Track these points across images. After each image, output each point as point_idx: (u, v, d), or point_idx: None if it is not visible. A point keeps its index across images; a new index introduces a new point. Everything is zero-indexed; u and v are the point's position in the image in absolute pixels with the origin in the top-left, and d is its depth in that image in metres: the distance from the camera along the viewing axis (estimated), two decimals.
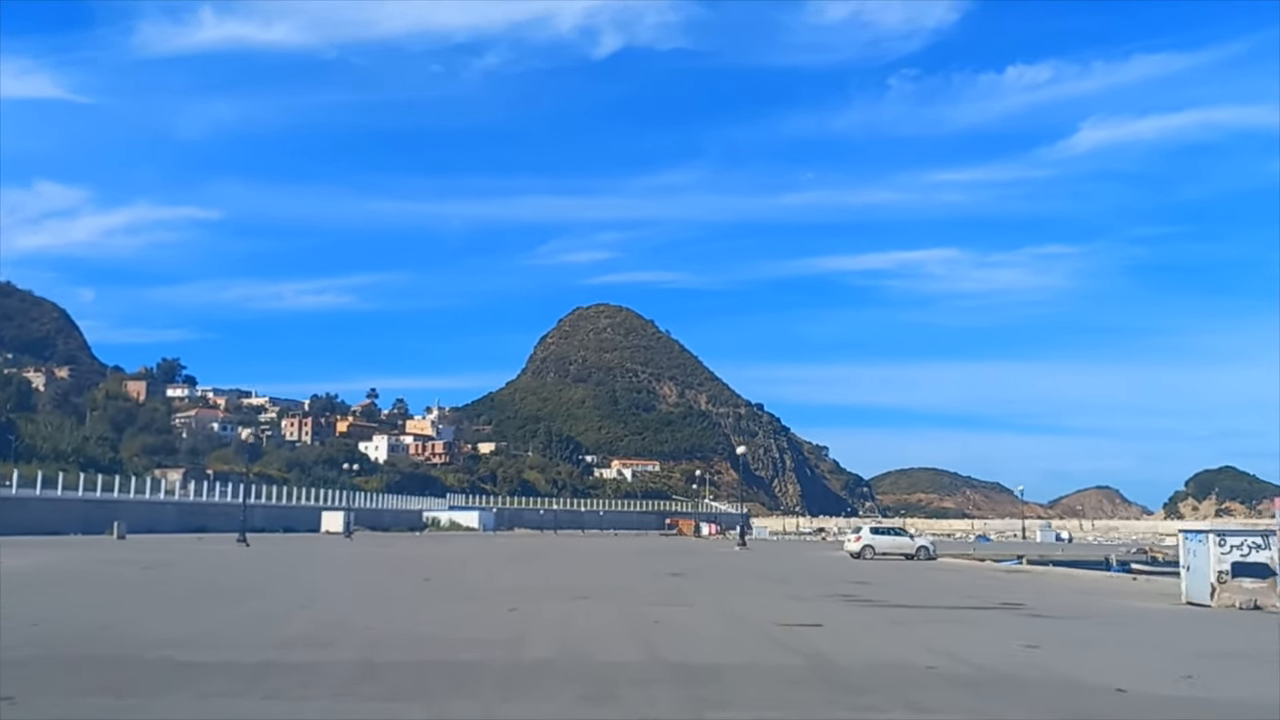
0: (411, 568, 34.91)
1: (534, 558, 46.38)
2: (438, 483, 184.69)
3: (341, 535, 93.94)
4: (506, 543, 77.74)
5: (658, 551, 60.94)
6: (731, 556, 52.82)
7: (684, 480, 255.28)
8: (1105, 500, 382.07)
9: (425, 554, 49.03)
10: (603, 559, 46.64)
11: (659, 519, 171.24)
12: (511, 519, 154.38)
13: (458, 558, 43.99)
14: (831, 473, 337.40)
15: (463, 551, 53.50)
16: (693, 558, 50.18)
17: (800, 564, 45.14)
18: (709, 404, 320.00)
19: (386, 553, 50.11)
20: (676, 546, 75.86)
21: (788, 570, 39.00)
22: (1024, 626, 17.87)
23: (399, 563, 39.11)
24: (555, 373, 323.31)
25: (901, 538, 50.80)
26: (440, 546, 63.91)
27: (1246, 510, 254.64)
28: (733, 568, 39.85)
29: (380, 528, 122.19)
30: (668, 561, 44.55)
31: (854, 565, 43.12)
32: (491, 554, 50.45)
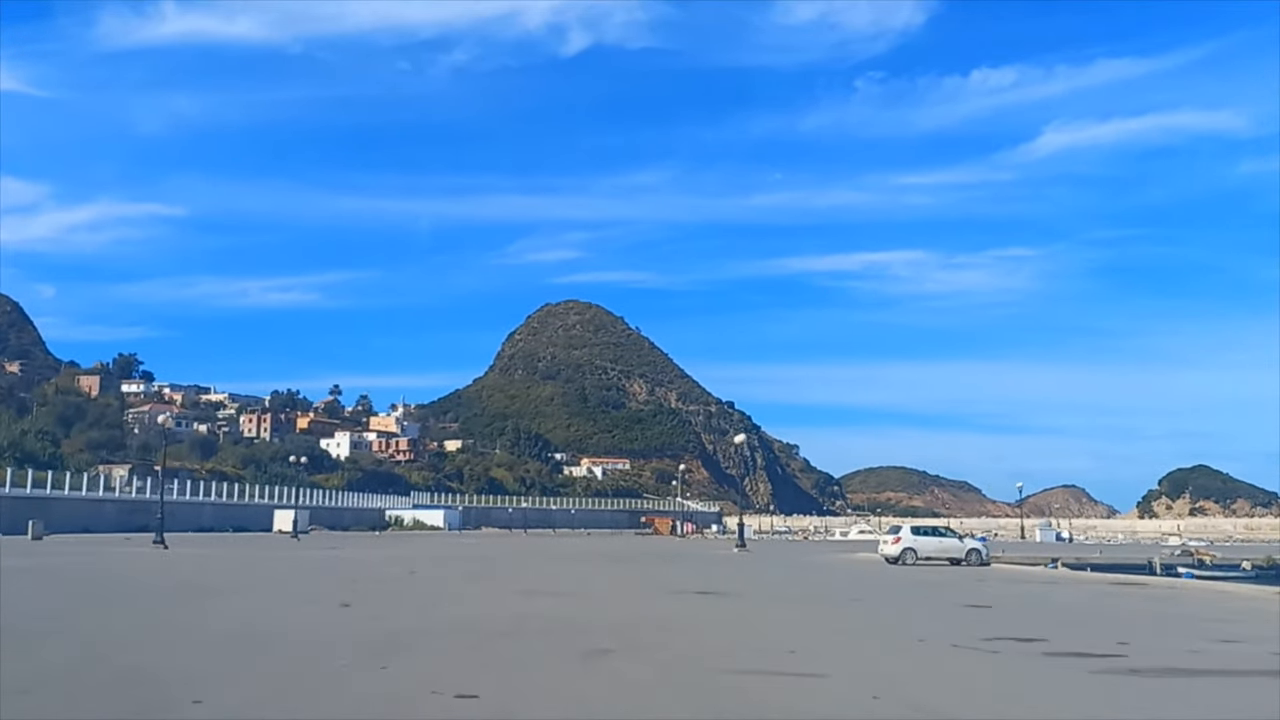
0: (338, 582, 25.10)
1: (504, 564, 36.94)
2: (402, 480, 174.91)
3: (291, 535, 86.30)
4: (472, 544, 68.03)
5: (647, 555, 51.57)
6: (739, 562, 43.47)
7: (655, 478, 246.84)
8: (1072, 499, 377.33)
9: (371, 559, 39.42)
10: (589, 566, 37.15)
11: (631, 518, 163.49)
12: (479, 518, 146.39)
13: (409, 564, 34.38)
14: (802, 471, 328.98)
15: (419, 555, 43.84)
16: (696, 564, 40.76)
17: (838, 574, 35.66)
18: (679, 402, 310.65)
19: (325, 557, 40.36)
20: (662, 548, 66.49)
21: (839, 585, 29.50)
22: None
23: (328, 573, 29.35)
24: (524, 370, 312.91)
25: (948, 539, 41.49)
26: (394, 549, 54.13)
27: (1221, 509, 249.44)
28: (767, 582, 30.10)
29: (339, 527, 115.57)
30: (672, 569, 35.22)
31: (904, 575, 33.86)
32: (453, 558, 40.82)
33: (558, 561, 40.75)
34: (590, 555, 49.22)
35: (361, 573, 29.50)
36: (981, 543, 43.59)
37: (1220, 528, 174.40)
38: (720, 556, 49.20)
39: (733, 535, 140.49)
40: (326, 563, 36.01)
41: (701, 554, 53.26)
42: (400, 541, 73.65)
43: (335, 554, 44.97)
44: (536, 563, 39.12)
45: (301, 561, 36.68)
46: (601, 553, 53.12)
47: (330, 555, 43.25)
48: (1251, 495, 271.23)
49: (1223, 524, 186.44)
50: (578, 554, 50.69)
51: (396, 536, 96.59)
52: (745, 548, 55.00)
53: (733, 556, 49.07)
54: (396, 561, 37.04)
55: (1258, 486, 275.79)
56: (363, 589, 22.34)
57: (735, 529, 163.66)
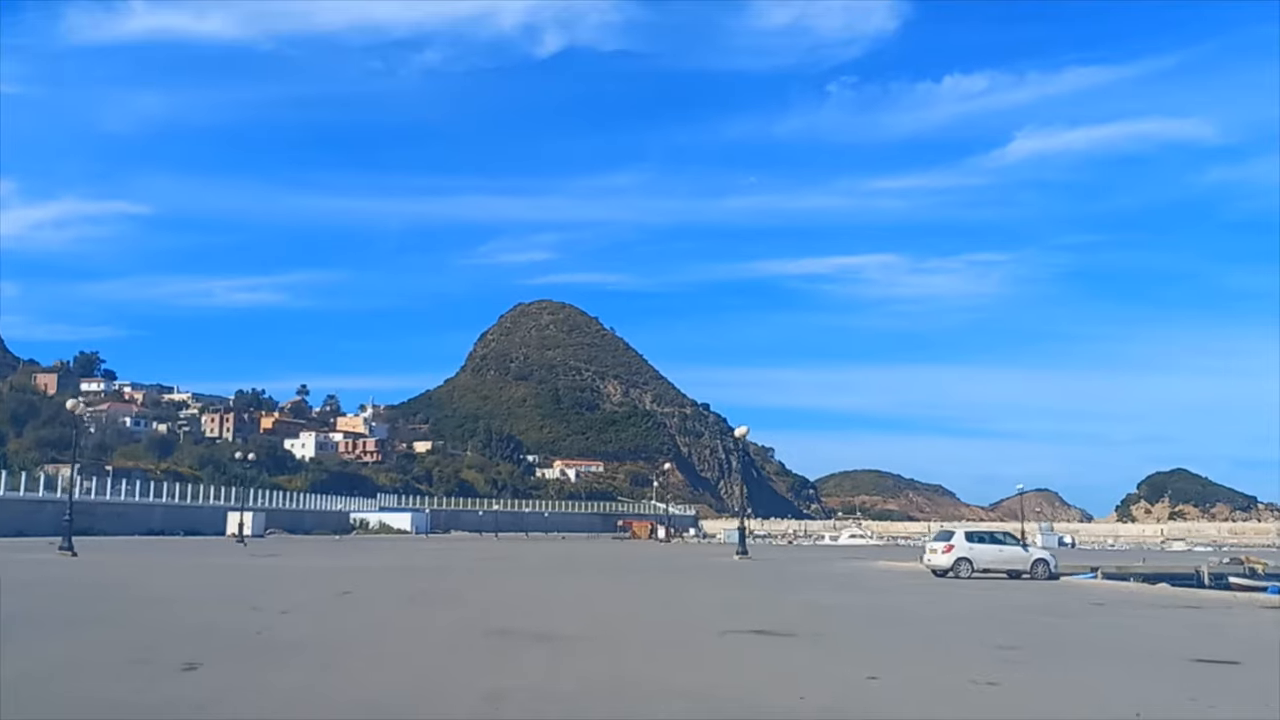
0: (233, 612, 17.32)
1: (470, 578, 29.40)
2: (368, 482, 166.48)
3: (251, 538, 78.56)
4: (438, 549, 60.19)
5: (640, 563, 44.09)
6: (754, 574, 35.91)
7: (629, 481, 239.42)
8: (1045, 503, 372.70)
9: (309, 570, 31.68)
10: (580, 580, 29.52)
11: (606, 521, 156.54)
12: (448, 520, 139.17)
13: (351, 579, 26.74)
14: (777, 474, 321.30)
15: (370, 565, 36.09)
16: (708, 578, 33.11)
17: (899, 594, 28.14)
18: (654, 403, 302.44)
19: (256, 568, 32.48)
20: (650, 554, 59.01)
21: (933, 616, 21.93)
22: None
23: (233, 595, 21.51)
24: (496, 370, 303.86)
25: (1011, 547, 33.74)
26: (347, 555, 46.30)
27: (1200, 513, 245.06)
28: (829, 609, 22.36)
29: (301, 530, 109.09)
30: (684, 586, 27.67)
31: (968, 592, 26.53)
32: (409, 569, 32.98)
33: (538, 573, 33.13)
34: (575, 563, 41.65)
35: (278, 594, 21.64)
36: (1047, 551, 36.14)
37: (1204, 531, 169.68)
38: (725, 566, 41.76)
39: (714, 540, 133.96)
40: (249, 577, 28.18)
41: (701, 563, 45.74)
42: (359, 546, 65.73)
43: (272, 563, 37.07)
44: (512, 575, 31.44)
45: (219, 574, 28.85)
46: (587, 561, 45.57)
47: (264, 565, 35.35)
48: (1231, 499, 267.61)
49: (1206, 528, 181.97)
50: (560, 562, 43.09)
51: (358, 540, 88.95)
52: (748, 555, 47.47)
53: (740, 566, 41.66)
54: (338, 574, 29.33)
55: (1237, 490, 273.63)
56: (252, 626, 14.57)
57: (715, 534, 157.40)
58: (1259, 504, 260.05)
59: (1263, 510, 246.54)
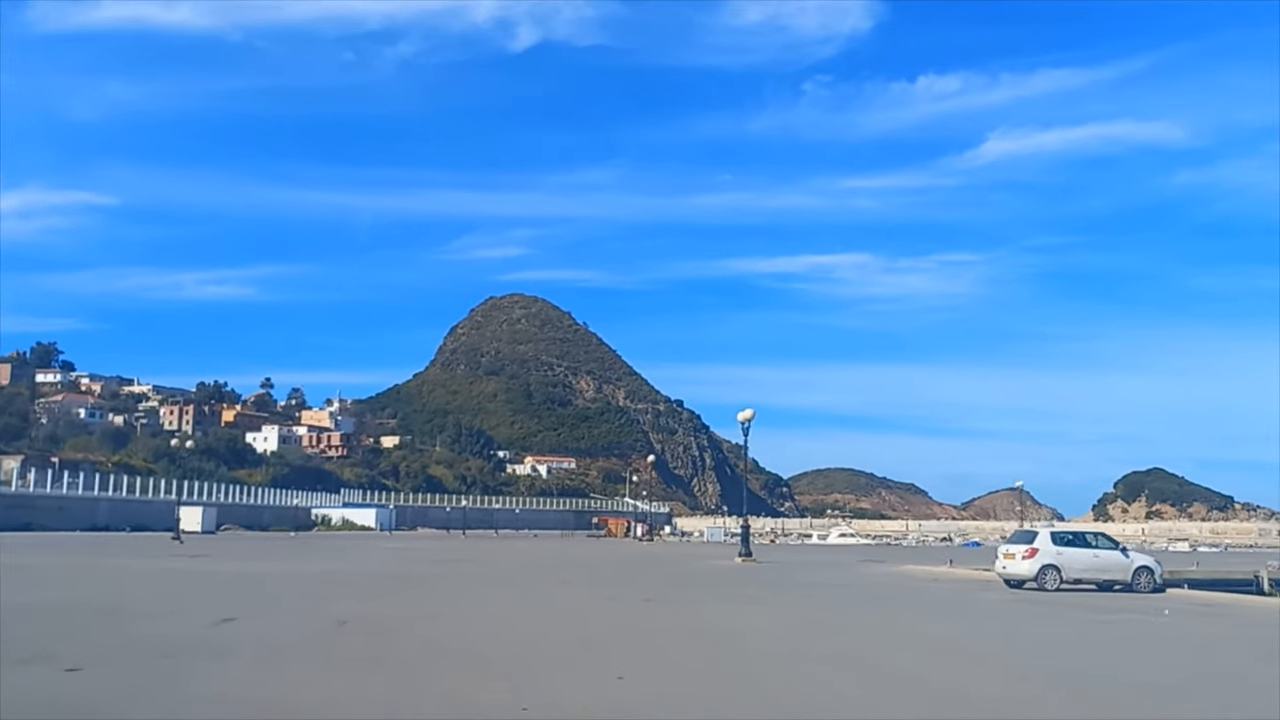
0: (46, 664, 10.30)
1: (426, 592, 22.35)
2: (332, 477, 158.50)
3: (201, 535, 74.44)
4: (399, 549, 53.00)
5: (632, 567, 37.13)
6: (778, 586, 29.04)
7: (602, 478, 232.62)
8: (1016, 502, 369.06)
9: (224, 576, 24.35)
10: (570, 595, 22.40)
11: (579, 518, 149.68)
12: (414, 517, 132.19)
13: (263, 591, 19.61)
14: (751, 472, 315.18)
15: (305, 572, 28.93)
16: (727, 591, 26.23)
17: (989, 615, 21.32)
18: (627, 400, 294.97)
19: (165, 573, 25.42)
20: (637, 556, 52.07)
21: (1084, 655, 15.14)
22: None
23: (74, 614, 14.42)
24: (466, 365, 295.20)
25: (1107, 552, 26.16)
26: (290, 558, 39.00)
27: (1177, 512, 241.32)
28: (974, 654, 15.32)
29: (258, 527, 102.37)
30: (718, 609, 20.71)
31: (1089, 617, 19.80)
32: (352, 577, 25.70)
33: (513, 584, 26.09)
34: (555, 568, 34.67)
35: (124, 622, 14.51)
36: (1150, 556, 29.17)
37: (1185, 531, 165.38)
38: (736, 573, 34.85)
39: (693, 538, 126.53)
40: (132, 585, 21.02)
41: (703, 567, 38.73)
42: (311, 545, 58.39)
43: (185, 567, 29.73)
44: (480, 588, 24.39)
45: (96, 582, 21.70)
46: (568, 563, 38.58)
47: (171, 570, 28.02)
48: (1207, 499, 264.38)
49: (1187, 527, 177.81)
50: (537, 566, 36.10)
51: (315, 538, 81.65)
52: (752, 557, 40.40)
53: (753, 572, 34.79)
54: (253, 584, 22.21)
55: (1213, 490, 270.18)
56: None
57: (692, 532, 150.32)
58: (1235, 503, 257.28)
59: (1239, 510, 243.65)
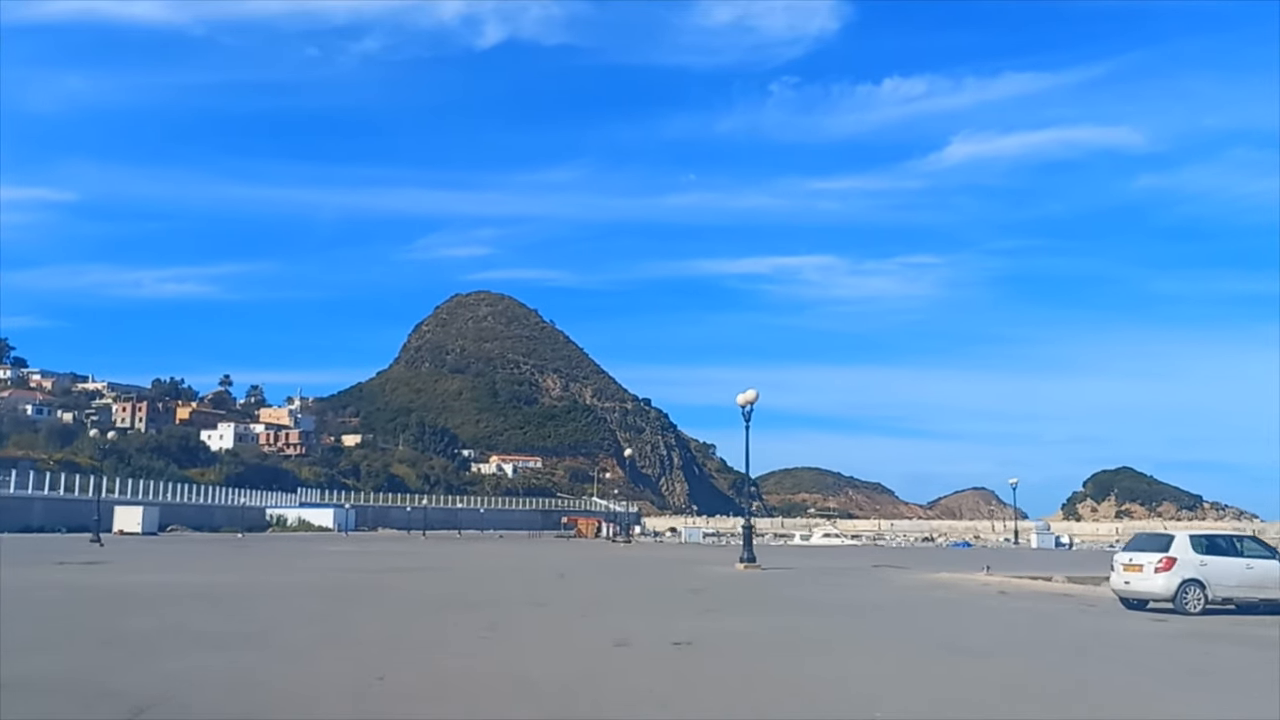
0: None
1: (350, 620, 17.30)
2: (289, 476, 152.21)
3: (137, 537, 71.12)
4: (346, 554, 47.75)
5: (630, 580, 32.15)
6: (808, 604, 24.37)
7: (569, 477, 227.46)
8: (981, 501, 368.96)
9: (101, 591, 19.32)
10: (551, 630, 17.43)
11: (546, 518, 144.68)
12: (375, 517, 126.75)
13: (131, 609, 14.58)
14: (719, 471, 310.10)
15: (215, 586, 23.88)
16: (754, 612, 21.16)
17: (1122, 663, 16.48)
18: (594, 398, 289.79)
19: (29, 585, 20.25)
20: (617, 560, 47.20)
21: None
22: None
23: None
24: (431, 363, 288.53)
25: (1263, 562, 21.22)
26: (211, 565, 33.82)
27: (1147, 512, 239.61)
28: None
29: (209, 527, 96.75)
30: (768, 647, 15.83)
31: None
32: (273, 592, 20.61)
33: (474, 605, 21.00)
34: (527, 578, 29.75)
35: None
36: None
37: (1156, 529, 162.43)
38: (744, 583, 29.86)
39: (665, 539, 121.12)
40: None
41: (699, 575, 33.63)
42: (253, 549, 53.01)
43: (71, 579, 24.58)
44: (428, 616, 19.33)
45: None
46: (542, 571, 33.63)
47: (50, 584, 22.91)
48: (1176, 498, 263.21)
49: (1158, 526, 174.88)
50: (505, 576, 31.11)
51: (265, 540, 76.13)
52: (756, 563, 35.23)
53: (765, 584, 29.73)
54: (123, 602, 17.22)
55: (1181, 489, 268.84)
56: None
57: (663, 532, 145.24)
58: (1204, 502, 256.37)
59: (1208, 509, 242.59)
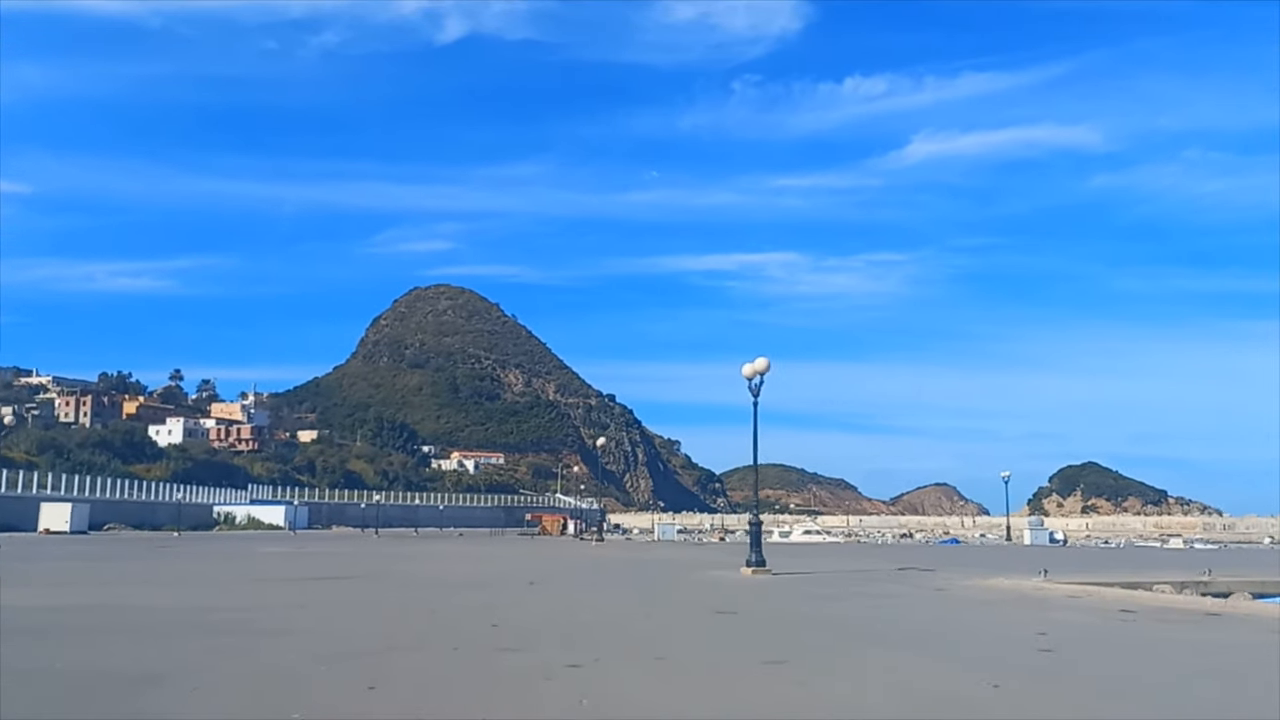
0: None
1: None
2: (241, 472, 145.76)
3: (65, 536, 64.94)
4: (283, 554, 42.08)
5: (606, 586, 26.88)
6: (865, 632, 19.49)
7: (531, 474, 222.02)
8: (944, 497, 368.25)
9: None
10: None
11: (508, 515, 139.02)
12: (330, 515, 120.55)
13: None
14: (684, 468, 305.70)
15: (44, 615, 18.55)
16: (808, 649, 16.54)
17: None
18: (558, 394, 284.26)
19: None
20: (601, 563, 42.08)
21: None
22: None
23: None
24: (389, 357, 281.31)
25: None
26: (90, 577, 28.50)
27: (1112, 506, 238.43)
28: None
29: (150, 525, 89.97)
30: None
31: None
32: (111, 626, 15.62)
33: (407, 649, 15.52)
34: (489, 593, 24.61)
35: None
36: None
37: (1129, 526, 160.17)
38: (762, 594, 25.00)
39: (634, 536, 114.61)
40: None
41: (702, 583, 28.52)
42: (178, 551, 47.21)
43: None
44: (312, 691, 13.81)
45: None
46: (505, 580, 28.44)
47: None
48: (1142, 493, 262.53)
49: (1131, 522, 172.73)
50: (460, 590, 25.89)
51: (202, 540, 69.97)
52: (766, 567, 29.40)
53: (788, 596, 24.71)
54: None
55: (1147, 484, 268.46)
56: None
57: (631, 529, 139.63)
58: (1169, 498, 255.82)
59: (1172, 504, 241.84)
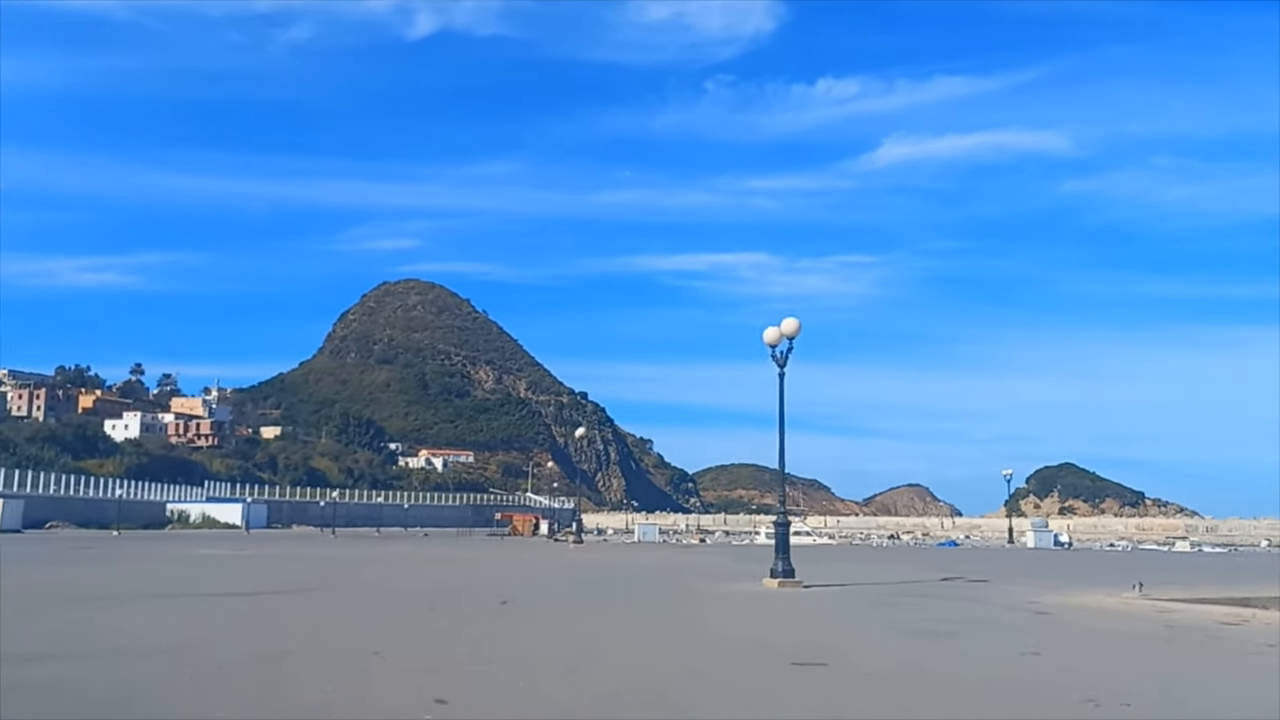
0: None
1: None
2: (199, 468, 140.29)
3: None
4: (218, 560, 37.77)
5: (600, 607, 22.08)
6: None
7: (501, 472, 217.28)
8: (916, 498, 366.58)
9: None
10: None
11: (477, 514, 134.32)
12: (291, 513, 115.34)
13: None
14: (656, 467, 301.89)
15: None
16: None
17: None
18: (529, 391, 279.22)
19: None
20: (577, 571, 37.87)
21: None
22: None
23: None
24: (357, 353, 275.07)
25: None
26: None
27: (1090, 508, 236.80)
28: None
29: (98, 523, 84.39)
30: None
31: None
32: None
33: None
34: (449, 616, 20.01)
35: None
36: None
37: (1110, 527, 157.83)
38: (800, 611, 20.77)
39: (607, 536, 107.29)
40: None
41: (719, 597, 23.85)
42: (97, 554, 42.73)
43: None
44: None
45: None
46: (475, 590, 24.13)
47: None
48: (1119, 494, 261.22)
49: (1112, 523, 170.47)
50: (407, 619, 21.41)
51: (144, 540, 65.21)
52: (796, 579, 22.56)
53: (856, 621, 20.21)
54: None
55: (1125, 486, 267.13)
56: None
57: (606, 529, 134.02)
58: (1146, 499, 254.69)
59: (1150, 505, 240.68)
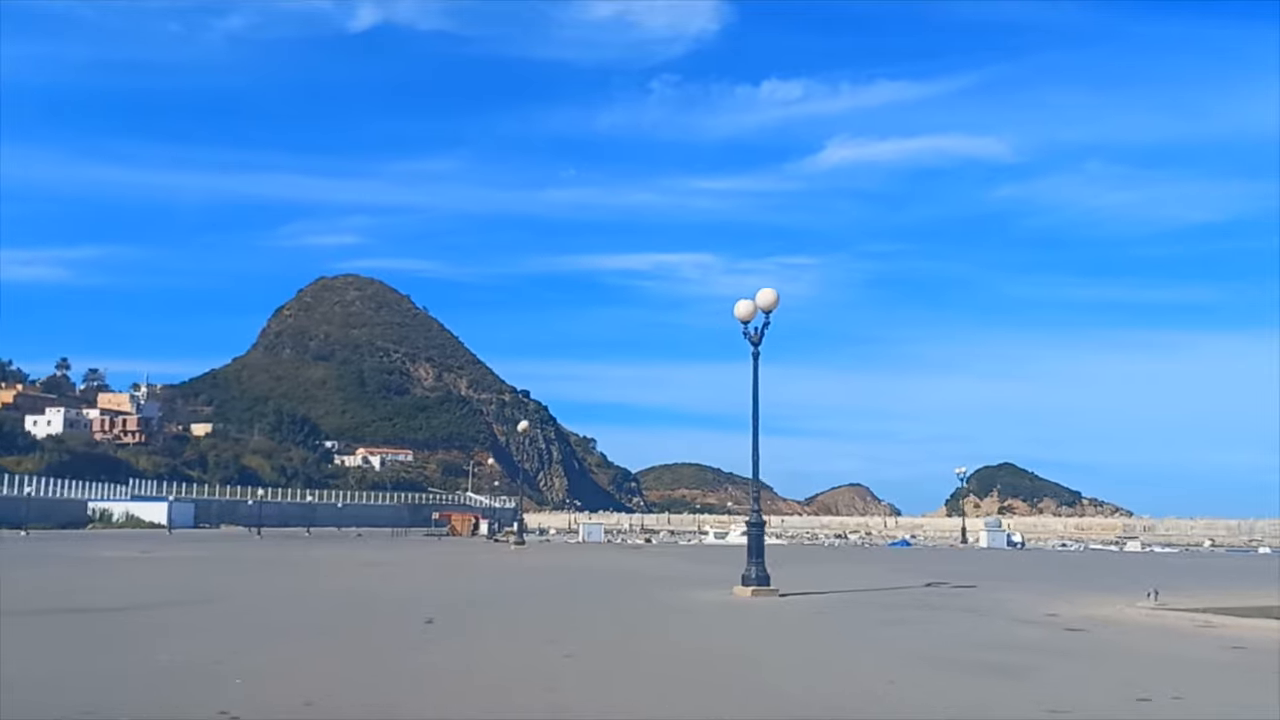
0: None
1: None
2: (125, 466, 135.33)
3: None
4: (80, 565, 34.98)
5: (559, 619, 20.00)
6: None
7: (441, 471, 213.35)
8: (857, 497, 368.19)
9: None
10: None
11: (415, 513, 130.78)
12: (220, 512, 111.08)
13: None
14: (599, 466, 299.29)
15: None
16: None
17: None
18: (470, 389, 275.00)
19: None
20: (520, 578, 35.47)
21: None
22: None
23: None
24: (292, 349, 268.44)
25: None
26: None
27: (1028, 507, 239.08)
28: None
29: (11, 523, 79.58)
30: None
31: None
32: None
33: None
34: (359, 642, 17.69)
35: None
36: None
37: (1049, 527, 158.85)
38: (793, 633, 18.51)
39: (550, 537, 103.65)
40: None
41: (684, 607, 21.31)
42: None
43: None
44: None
45: None
46: (396, 605, 21.70)
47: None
48: (1056, 494, 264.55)
49: (1052, 523, 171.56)
50: (307, 651, 19.04)
51: (49, 540, 61.50)
52: (771, 587, 18.73)
53: (858, 644, 18.18)
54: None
55: (1062, 485, 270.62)
56: None
57: (548, 528, 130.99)
58: (1083, 499, 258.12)
59: (1086, 505, 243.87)
